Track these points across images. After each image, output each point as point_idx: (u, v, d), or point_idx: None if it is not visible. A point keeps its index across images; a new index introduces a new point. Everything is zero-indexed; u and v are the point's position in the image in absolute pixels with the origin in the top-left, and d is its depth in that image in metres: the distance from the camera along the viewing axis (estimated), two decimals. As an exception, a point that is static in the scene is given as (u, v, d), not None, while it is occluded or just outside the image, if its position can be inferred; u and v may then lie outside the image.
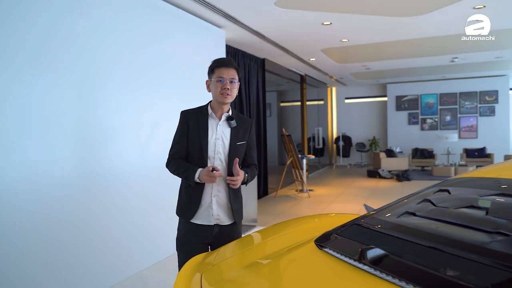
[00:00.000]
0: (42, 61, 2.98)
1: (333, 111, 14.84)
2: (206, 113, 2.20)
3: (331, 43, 7.29)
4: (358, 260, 1.29)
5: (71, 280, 3.14)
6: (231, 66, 2.16)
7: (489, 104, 12.55)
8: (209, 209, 2.14)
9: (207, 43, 5.42)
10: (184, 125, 2.19)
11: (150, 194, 4.09)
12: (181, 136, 2.19)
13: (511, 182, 1.67)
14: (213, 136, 2.16)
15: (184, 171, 2.10)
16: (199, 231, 2.15)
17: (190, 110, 2.25)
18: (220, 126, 2.18)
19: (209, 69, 2.20)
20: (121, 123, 3.77)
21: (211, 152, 2.15)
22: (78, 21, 3.30)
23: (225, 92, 2.12)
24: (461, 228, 1.40)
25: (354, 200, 7.60)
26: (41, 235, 2.93)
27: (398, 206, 1.81)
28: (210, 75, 2.19)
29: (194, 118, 2.19)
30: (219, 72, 2.13)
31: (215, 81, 2.13)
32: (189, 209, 2.15)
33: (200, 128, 2.16)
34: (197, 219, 2.15)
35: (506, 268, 1.08)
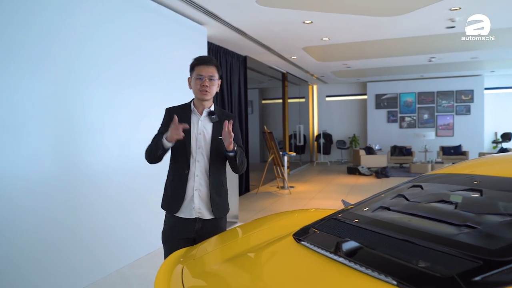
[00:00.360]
0: (19, 55, 2.94)
1: (314, 109, 14.98)
2: (189, 109, 2.27)
3: (312, 42, 7.37)
4: (334, 253, 1.35)
5: (50, 276, 3.12)
6: (210, 63, 2.22)
7: (465, 103, 12.89)
8: (191, 202, 2.18)
9: (189, 40, 5.42)
10: (168, 121, 2.22)
11: (131, 190, 4.08)
12: (164, 130, 2.22)
13: (479, 178, 1.75)
14: (195, 131, 2.22)
15: (155, 144, 2.16)
16: (182, 226, 2.19)
17: (174, 107, 2.31)
18: (201, 121, 2.24)
19: (190, 67, 2.26)
20: (102, 119, 3.74)
21: (194, 146, 2.20)
22: (56, 15, 3.26)
23: (203, 89, 2.19)
24: (431, 221, 1.47)
25: (334, 196, 7.71)
26: (21, 231, 2.90)
27: (374, 201, 1.88)
28: (190, 72, 2.26)
29: (178, 114, 2.21)
30: (198, 70, 2.20)
31: (194, 79, 2.21)
32: (173, 203, 2.20)
33: (183, 122, 2.18)
34: (181, 212, 2.19)
35: (471, 258, 1.15)
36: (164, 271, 1.55)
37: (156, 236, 4.32)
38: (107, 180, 3.78)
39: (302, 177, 10.68)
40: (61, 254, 3.24)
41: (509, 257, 1.12)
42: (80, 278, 3.41)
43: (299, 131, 13.15)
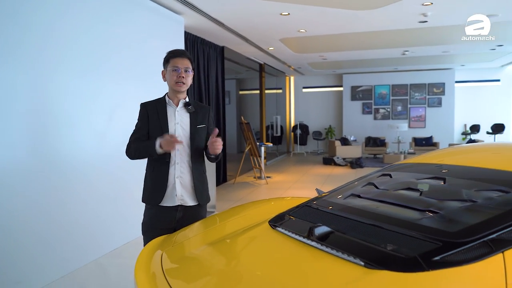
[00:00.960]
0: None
1: (291, 100, 15.10)
2: (164, 102, 2.31)
3: (289, 33, 7.42)
4: (307, 237, 1.42)
5: (23, 270, 3.10)
6: (185, 56, 2.28)
7: (437, 96, 13.27)
8: (173, 190, 2.22)
9: (166, 30, 5.38)
10: (144, 116, 2.28)
11: (108, 180, 4.07)
12: (142, 124, 2.27)
13: (443, 167, 1.87)
14: (173, 122, 2.26)
15: (145, 146, 2.19)
16: (163, 215, 2.23)
17: (149, 101, 2.34)
18: (178, 112, 2.28)
19: (164, 60, 2.31)
20: (76, 109, 3.71)
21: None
22: (28, 3, 3.20)
23: (180, 81, 2.24)
24: (398, 207, 1.57)
25: (310, 186, 7.86)
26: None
27: (346, 189, 1.97)
28: (165, 65, 2.30)
29: (153, 108, 2.29)
30: (174, 62, 2.25)
31: (170, 71, 2.25)
32: (155, 193, 2.22)
33: (160, 116, 2.26)
34: (163, 202, 2.22)
35: (432, 240, 1.25)
36: (143, 257, 1.60)
37: (134, 225, 4.34)
38: (83, 171, 3.75)
39: (279, 168, 10.80)
40: (37, 245, 3.23)
41: (465, 239, 1.22)
42: (58, 268, 3.40)
43: (276, 122, 13.25)
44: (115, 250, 4.11)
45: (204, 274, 1.43)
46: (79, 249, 3.66)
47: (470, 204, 1.47)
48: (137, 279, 1.44)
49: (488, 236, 1.22)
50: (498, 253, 1.16)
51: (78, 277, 3.47)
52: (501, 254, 1.15)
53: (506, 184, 1.54)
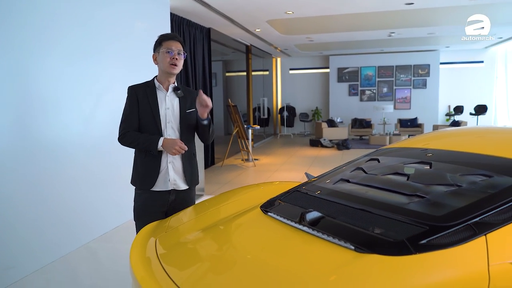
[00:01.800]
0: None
1: (277, 82, 15.07)
2: (154, 86, 2.30)
3: (277, 15, 7.36)
4: (299, 222, 1.46)
5: (13, 254, 3.10)
6: (177, 39, 2.29)
7: (422, 77, 13.41)
8: (166, 175, 2.25)
9: (151, 12, 5.29)
10: (134, 99, 2.27)
11: (95, 165, 4.05)
12: (132, 109, 2.26)
13: (430, 152, 1.92)
14: (163, 107, 2.27)
15: (145, 141, 2.19)
16: (156, 199, 2.26)
17: (137, 85, 2.33)
18: (168, 96, 2.30)
19: (156, 43, 2.29)
20: (63, 93, 3.65)
21: (164, 122, 2.26)
22: (12, -16, 3.10)
23: (174, 63, 2.24)
24: (386, 192, 1.62)
25: (297, 168, 7.95)
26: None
27: (335, 174, 2.01)
28: (157, 48, 2.28)
29: (143, 91, 2.28)
30: (167, 44, 2.24)
31: (164, 52, 2.24)
32: (147, 178, 2.25)
33: (150, 100, 2.26)
34: (156, 186, 2.25)
35: (419, 224, 1.30)
36: (138, 243, 1.62)
37: (123, 209, 4.37)
38: (72, 154, 3.73)
39: (266, 150, 10.86)
40: (28, 229, 3.22)
41: (450, 223, 1.27)
42: (48, 253, 3.41)
43: (263, 104, 13.24)
44: (105, 234, 4.13)
45: (198, 260, 1.47)
46: (69, 233, 3.67)
47: (455, 188, 1.52)
48: (133, 265, 1.46)
49: (472, 219, 1.28)
50: (481, 236, 1.21)
51: (69, 261, 3.49)
52: (484, 237, 1.21)
53: (488, 168, 1.60)
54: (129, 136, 2.23)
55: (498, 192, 1.43)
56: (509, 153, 1.67)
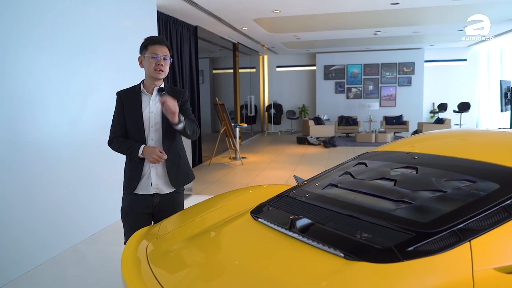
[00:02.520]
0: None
1: (265, 79, 15.08)
2: (139, 91, 2.32)
3: (264, 14, 7.37)
4: (289, 229, 1.49)
5: (3, 258, 3.07)
6: (164, 44, 2.26)
7: (407, 75, 13.58)
8: (148, 179, 2.29)
9: (138, 10, 5.24)
10: (120, 105, 2.32)
11: (82, 166, 4.01)
12: (119, 115, 2.32)
13: (416, 156, 1.96)
14: (147, 110, 2.28)
15: (128, 148, 2.24)
16: (140, 201, 2.30)
17: (124, 90, 2.36)
18: (152, 100, 2.29)
19: (142, 46, 2.27)
20: (50, 93, 3.60)
21: (147, 125, 2.27)
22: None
23: (159, 68, 2.22)
24: (374, 197, 1.65)
25: (284, 166, 7.99)
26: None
27: (323, 178, 2.04)
28: (143, 51, 2.27)
29: (128, 96, 2.31)
30: (152, 49, 2.22)
31: (149, 57, 2.22)
32: (132, 182, 2.30)
33: (134, 105, 2.29)
34: (138, 189, 2.29)
35: (406, 230, 1.33)
36: (129, 250, 1.63)
37: (109, 211, 4.35)
38: (57, 156, 3.69)
39: (254, 148, 10.88)
40: (12, 232, 3.18)
41: (435, 229, 1.31)
42: (35, 256, 3.38)
43: (250, 101, 13.24)
44: (93, 235, 4.10)
45: (190, 267, 1.48)
46: (56, 235, 3.63)
47: (441, 194, 1.56)
48: (124, 272, 1.47)
49: (456, 226, 1.32)
50: (465, 242, 1.25)
51: (57, 263, 3.46)
52: (468, 243, 1.25)
53: (473, 173, 1.65)
54: (116, 142, 2.28)
55: (481, 198, 1.48)
56: (492, 158, 1.72)
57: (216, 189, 6.27)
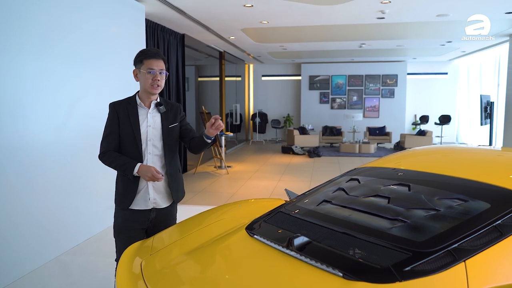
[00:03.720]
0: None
1: (250, 88, 15.13)
2: (135, 103, 2.25)
3: (251, 24, 7.42)
4: (286, 247, 1.49)
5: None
6: (159, 57, 2.22)
7: (390, 87, 13.82)
8: (145, 194, 2.22)
9: (126, 17, 5.21)
10: (114, 117, 2.22)
11: (68, 175, 3.93)
12: (113, 128, 2.22)
13: (410, 173, 2.00)
14: (144, 124, 2.22)
15: (122, 165, 2.15)
16: (136, 217, 2.23)
17: (118, 101, 2.28)
18: (150, 113, 2.25)
19: (137, 60, 2.22)
20: (34, 100, 3.53)
21: (144, 139, 2.21)
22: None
23: (155, 84, 2.19)
24: (368, 215, 1.67)
25: (270, 176, 8.00)
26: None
27: (316, 194, 2.06)
28: (138, 65, 2.22)
29: (124, 109, 2.23)
30: (149, 64, 2.18)
31: (145, 72, 2.18)
32: (126, 197, 2.21)
33: (131, 118, 2.21)
34: (135, 205, 2.22)
35: (402, 250, 1.35)
36: (123, 267, 1.60)
37: (94, 220, 4.27)
38: (42, 164, 3.61)
39: (239, 156, 10.87)
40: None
41: (431, 249, 1.33)
42: (15, 268, 3.28)
43: (236, 110, 13.25)
44: (76, 246, 4.01)
45: (187, 284, 1.47)
46: (38, 246, 3.54)
47: (434, 212, 1.59)
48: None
49: (451, 245, 1.34)
50: (460, 262, 1.28)
51: (38, 276, 3.37)
52: (463, 263, 1.28)
53: (465, 192, 1.68)
54: (109, 156, 2.19)
55: (473, 217, 1.51)
56: (482, 177, 1.76)
57: (202, 198, 6.23)
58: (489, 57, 11.37)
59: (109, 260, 2.02)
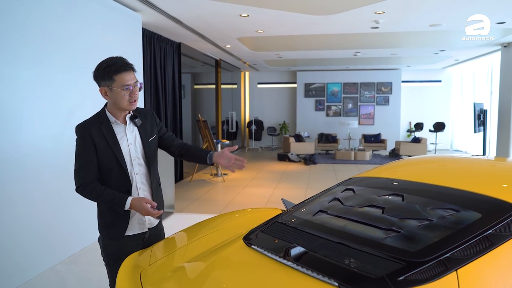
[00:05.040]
0: None
1: (246, 96, 15.20)
2: (108, 121, 1.99)
3: (247, 33, 7.49)
4: (283, 257, 1.52)
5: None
6: (130, 68, 1.94)
7: (385, 95, 13.95)
8: (139, 216, 2.03)
9: (123, 27, 5.26)
10: (88, 143, 1.92)
11: (64, 184, 3.94)
12: (88, 154, 1.92)
13: (402, 184, 2.04)
14: (125, 143, 2.00)
15: (109, 200, 1.92)
16: (131, 242, 2.03)
17: (86, 122, 1.98)
18: (128, 130, 2.02)
19: (104, 76, 1.90)
20: (31, 109, 3.56)
21: (128, 161, 1.99)
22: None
23: (133, 99, 1.94)
24: (363, 225, 1.71)
25: (266, 184, 8.03)
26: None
27: (312, 204, 2.09)
28: (106, 82, 1.91)
29: (97, 129, 1.94)
30: (121, 79, 1.89)
31: (118, 90, 1.90)
32: (119, 225, 2.00)
33: (109, 140, 1.95)
34: (129, 231, 2.02)
35: (396, 260, 1.39)
36: (122, 279, 1.62)
37: (90, 229, 4.25)
38: (39, 173, 3.63)
39: (235, 164, 10.87)
40: (-9, 255, 3.10)
41: (424, 258, 1.37)
42: (12, 278, 3.28)
43: (232, 117, 13.31)
44: (72, 256, 4.01)
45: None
46: (34, 256, 3.55)
47: (427, 222, 1.63)
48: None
49: (443, 255, 1.38)
50: (452, 272, 1.31)
51: (35, 286, 3.37)
52: (455, 273, 1.31)
53: (458, 202, 1.72)
54: (91, 191, 1.92)
55: (465, 227, 1.55)
56: (474, 187, 1.80)
57: (198, 206, 6.24)
58: (482, 66, 11.52)
59: (105, 270, 2.03)
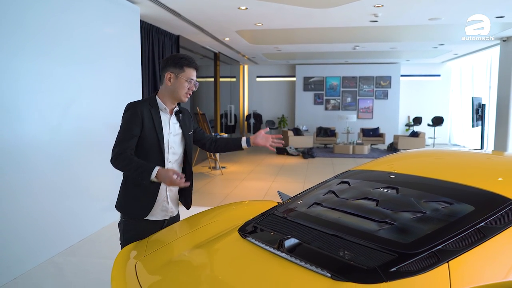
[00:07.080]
0: None
1: (245, 89, 15.18)
2: (157, 107, 2.15)
3: (246, 26, 7.46)
4: (277, 249, 1.54)
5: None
6: (197, 69, 2.20)
7: (383, 89, 13.93)
8: (164, 203, 2.18)
9: (121, 19, 5.23)
10: (138, 119, 2.05)
11: (62, 175, 3.96)
12: (135, 131, 2.05)
13: (397, 176, 2.05)
14: (166, 131, 2.15)
15: (137, 167, 1.97)
16: (150, 228, 2.12)
17: (139, 102, 2.14)
18: (171, 121, 2.19)
19: (177, 64, 2.11)
20: (29, 101, 3.56)
21: (166, 147, 2.14)
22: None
23: (189, 93, 2.16)
24: (357, 217, 1.72)
25: (264, 177, 8.05)
26: None
27: (308, 196, 2.10)
28: (177, 70, 2.11)
29: (147, 111, 2.09)
30: (190, 73, 2.13)
31: (183, 80, 2.11)
32: (143, 207, 2.11)
33: (155, 123, 2.11)
34: (151, 215, 2.13)
35: (389, 251, 1.40)
36: (118, 267, 1.64)
37: (89, 221, 4.29)
38: (38, 165, 3.64)
39: (233, 157, 10.91)
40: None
41: (416, 250, 1.39)
42: (9, 269, 3.30)
43: (230, 110, 13.29)
44: (70, 247, 4.03)
45: (181, 285, 1.51)
46: (32, 247, 3.57)
47: (420, 215, 1.65)
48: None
49: (435, 247, 1.40)
50: (443, 263, 1.33)
51: (33, 277, 3.39)
52: (446, 264, 1.33)
53: (451, 195, 1.74)
54: (124, 158, 1.98)
55: (457, 220, 1.57)
56: (468, 180, 1.82)
57: (196, 199, 6.22)
58: (481, 60, 11.51)
59: (103, 261, 2.05)
